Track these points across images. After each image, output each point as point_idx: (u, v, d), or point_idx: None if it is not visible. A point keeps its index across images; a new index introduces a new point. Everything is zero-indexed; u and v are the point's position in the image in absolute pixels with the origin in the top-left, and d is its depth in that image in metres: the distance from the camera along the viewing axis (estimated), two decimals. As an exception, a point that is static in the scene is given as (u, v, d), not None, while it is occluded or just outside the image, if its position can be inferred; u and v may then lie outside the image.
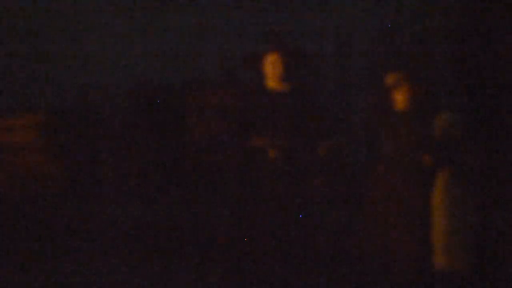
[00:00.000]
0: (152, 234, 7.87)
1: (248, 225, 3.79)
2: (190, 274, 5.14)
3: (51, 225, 9.34)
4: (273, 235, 3.74)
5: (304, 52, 4.03)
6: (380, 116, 4.29)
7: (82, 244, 7.03)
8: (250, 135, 3.84)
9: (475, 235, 4.15)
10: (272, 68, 3.89)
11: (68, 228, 8.84)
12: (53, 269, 5.54)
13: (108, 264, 5.71)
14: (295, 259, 3.75)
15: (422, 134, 4.19)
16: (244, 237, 3.79)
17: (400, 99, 4.22)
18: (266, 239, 3.74)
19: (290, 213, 3.76)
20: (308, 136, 3.89)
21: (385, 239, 4.14)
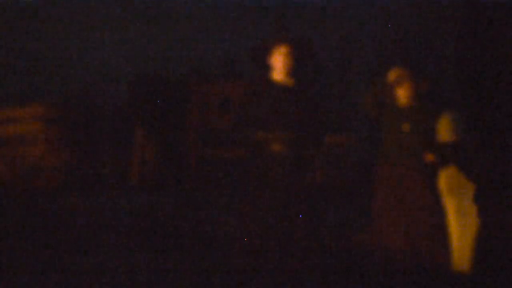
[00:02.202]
0: (154, 227, 7.89)
1: (252, 218, 3.79)
2: (192, 268, 5.15)
3: (53, 216, 9.36)
4: (277, 228, 3.74)
5: (311, 46, 4.02)
6: (383, 113, 4.28)
7: (84, 235, 7.05)
8: (255, 129, 3.84)
9: (479, 235, 4.13)
10: (278, 61, 3.89)
11: (69, 219, 8.86)
12: (55, 258, 5.56)
13: (109, 256, 5.73)
14: (298, 253, 3.76)
15: (425, 131, 4.18)
16: (247, 231, 3.80)
17: (402, 95, 4.22)
18: (269, 232, 3.75)
19: (293, 206, 3.77)
20: (312, 130, 3.89)
21: (387, 237, 4.15)
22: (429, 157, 4.13)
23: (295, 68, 3.91)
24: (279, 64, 3.89)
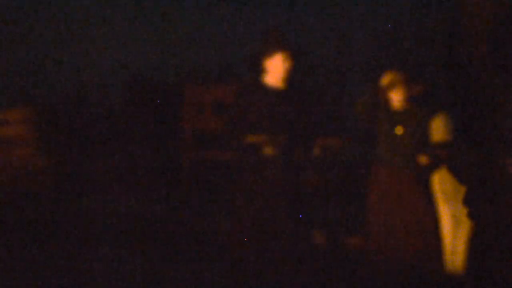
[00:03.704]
0: (146, 230, 7.87)
1: (244, 222, 3.79)
2: (185, 271, 5.14)
3: (43, 220, 9.32)
4: (269, 232, 3.74)
5: (305, 51, 4.02)
6: (376, 116, 4.29)
7: (74, 239, 7.02)
8: (247, 132, 3.84)
9: (472, 235, 4.13)
10: (274, 66, 3.88)
11: (60, 223, 8.83)
12: (45, 264, 5.55)
13: (101, 259, 5.72)
14: (291, 256, 3.76)
15: (418, 134, 4.19)
16: (239, 233, 3.80)
17: (396, 99, 4.23)
18: (262, 236, 3.75)
19: (286, 209, 3.77)
20: (305, 133, 3.90)
21: (381, 239, 4.15)
22: (423, 160, 4.14)
23: (290, 72, 3.92)
24: (274, 69, 3.88)
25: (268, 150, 3.79)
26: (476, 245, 4.04)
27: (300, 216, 3.79)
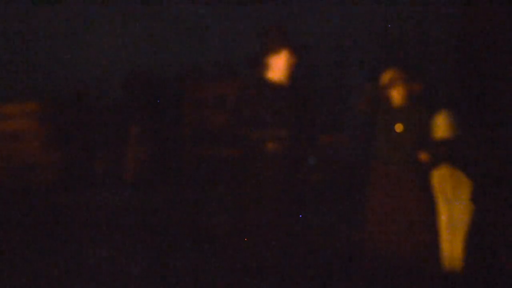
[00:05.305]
0: (148, 224, 7.89)
1: (247, 217, 3.80)
2: (187, 267, 5.15)
3: (47, 213, 9.37)
4: (272, 227, 3.75)
5: (308, 47, 4.03)
6: (377, 113, 4.31)
7: (78, 232, 7.05)
8: (250, 127, 3.85)
9: (474, 233, 4.14)
10: (276, 63, 3.89)
11: (64, 216, 8.87)
12: (48, 256, 5.57)
13: (105, 254, 5.74)
14: (293, 252, 3.77)
15: (418, 131, 4.21)
16: (242, 229, 3.81)
17: (397, 96, 4.24)
18: (264, 231, 3.76)
19: (288, 205, 3.78)
20: (307, 129, 3.91)
21: (382, 236, 4.17)
22: (423, 156, 4.15)
23: (292, 69, 3.93)
24: (278, 65, 3.89)
25: (270, 145, 3.80)
26: (482, 241, 4.04)
27: (301, 211, 3.80)
